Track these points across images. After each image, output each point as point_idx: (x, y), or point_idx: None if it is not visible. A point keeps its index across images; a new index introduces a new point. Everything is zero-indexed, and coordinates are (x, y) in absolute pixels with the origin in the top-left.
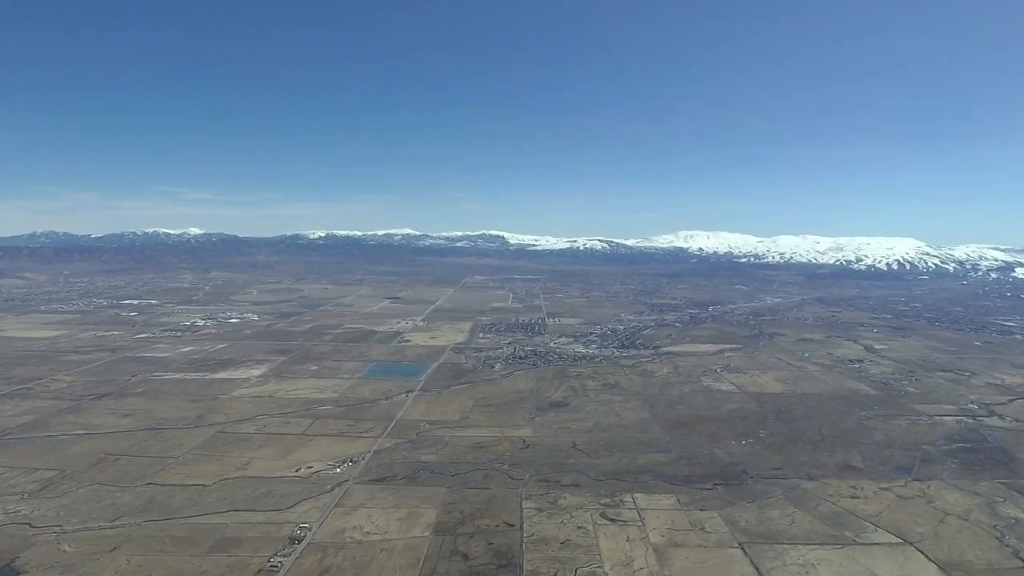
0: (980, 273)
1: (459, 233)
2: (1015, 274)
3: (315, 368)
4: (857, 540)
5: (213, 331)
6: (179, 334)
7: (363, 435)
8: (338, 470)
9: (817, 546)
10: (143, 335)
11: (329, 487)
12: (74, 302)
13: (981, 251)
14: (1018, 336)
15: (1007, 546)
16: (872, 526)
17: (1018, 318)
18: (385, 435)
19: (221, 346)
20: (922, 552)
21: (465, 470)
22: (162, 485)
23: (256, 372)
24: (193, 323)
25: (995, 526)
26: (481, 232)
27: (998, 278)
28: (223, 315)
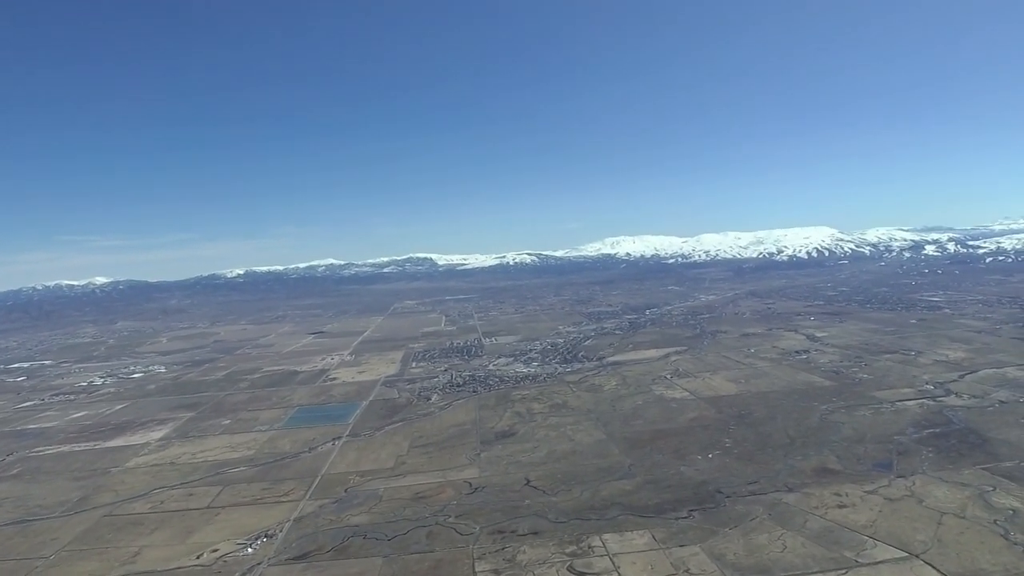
0: (894, 254)
1: (386, 259)
2: (925, 252)
3: (228, 422)
4: (859, 560)
5: (112, 390)
6: (72, 397)
7: (281, 500)
8: (250, 550)
9: (819, 575)
10: (28, 403)
11: (237, 575)
12: None
13: (890, 233)
14: (947, 310)
15: (1015, 544)
16: (870, 540)
17: (941, 293)
18: (308, 496)
19: (119, 407)
20: (931, 565)
21: (404, 530)
22: None
23: (157, 435)
24: (90, 383)
25: (995, 521)
26: (408, 256)
27: (912, 256)
28: (125, 370)
